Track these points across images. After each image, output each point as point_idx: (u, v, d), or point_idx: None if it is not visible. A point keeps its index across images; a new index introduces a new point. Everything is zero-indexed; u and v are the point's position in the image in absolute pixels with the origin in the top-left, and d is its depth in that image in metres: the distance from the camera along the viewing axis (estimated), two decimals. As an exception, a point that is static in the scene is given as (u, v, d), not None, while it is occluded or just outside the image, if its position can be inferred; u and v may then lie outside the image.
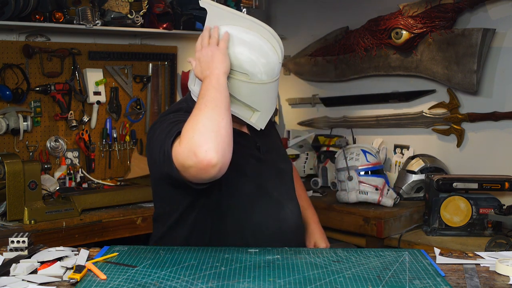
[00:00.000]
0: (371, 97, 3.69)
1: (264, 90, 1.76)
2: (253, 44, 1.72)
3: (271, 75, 1.75)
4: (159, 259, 1.64)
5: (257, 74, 1.72)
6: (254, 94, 1.75)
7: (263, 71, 1.72)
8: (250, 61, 1.71)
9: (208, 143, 1.47)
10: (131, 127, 3.66)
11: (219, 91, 1.59)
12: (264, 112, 1.80)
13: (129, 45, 3.63)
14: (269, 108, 1.81)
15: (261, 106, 1.78)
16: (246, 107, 1.77)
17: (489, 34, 3.07)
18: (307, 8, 4.00)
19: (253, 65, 1.71)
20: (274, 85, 1.79)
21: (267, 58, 1.73)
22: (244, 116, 1.79)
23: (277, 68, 1.77)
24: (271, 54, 1.73)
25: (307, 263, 1.61)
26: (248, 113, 1.79)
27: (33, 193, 2.72)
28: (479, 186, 2.84)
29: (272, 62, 1.73)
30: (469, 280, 1.50)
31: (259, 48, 1.72)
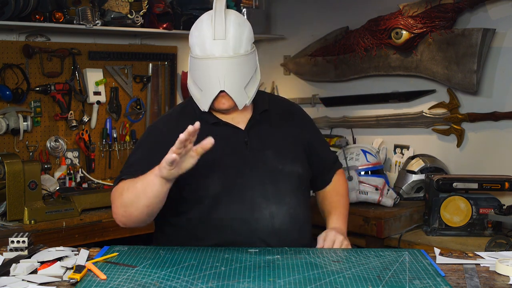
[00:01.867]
0: (371, 97, 3.69)
1: (201, 67, 1.81)
2: (200, 19, 1.85)
3: (203, 50, 1.79)
4: (159, 259, 1.64)
5: (193, 46, 1.83)
6: (195, 69, 1.84)
7: (195, 42, 1.81)
8: (191, 34, 1.85)
9: (117, 214, 1.77)
10: (131, 127, 3.66)
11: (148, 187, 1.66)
12: (205, 92, 1.83)
13: (129, 45, 3.63)
14: (209, 89, 1.82)
15: (202, 84, 1.83)
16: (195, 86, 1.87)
17: (489, 34, 3.07)
18: (307, 8, 4.00)
19: (191, 37, 1.84)
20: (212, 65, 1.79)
21: (200, 31, 1.81)
22: (195, 95, 1.87)
23: (209, 45, 1.78)
24: (204, 29, 1.80)
25: (307, 263, 1.61)
26: (198, 92, 1.87)
27: (33, 193, 2.72)
28: (479, 186, 2.84)
29: (203, 36, 1.79)
30: (469, 280, 1.50)
31: (199, 22, 1.84)
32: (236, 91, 1.83)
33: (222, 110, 1.87)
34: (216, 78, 1.79)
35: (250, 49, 1.84)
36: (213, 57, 1.78)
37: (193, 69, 1.85)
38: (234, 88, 1.82)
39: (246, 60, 1.83)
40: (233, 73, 1.80)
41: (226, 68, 1.79)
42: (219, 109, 1.87)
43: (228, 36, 1.78)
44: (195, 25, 1.85)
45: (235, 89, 1.82)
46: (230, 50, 1.79)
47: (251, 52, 1.85)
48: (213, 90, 1.81)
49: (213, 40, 1.78)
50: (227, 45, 1.78)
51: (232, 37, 1.79)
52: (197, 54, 1.81)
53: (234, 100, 1.83)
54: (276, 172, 1.88)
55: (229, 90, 1.81)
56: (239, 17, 1.85)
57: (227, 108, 1.86)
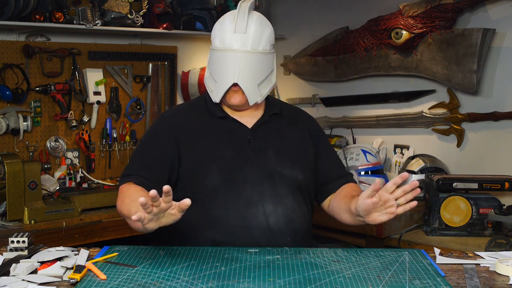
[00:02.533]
0: (371, 97, 3.69)
1: (218, 58, 1.85)
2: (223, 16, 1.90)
3: (223, 42, 1.84)
4: (159, 259, 1.64)
5: (214, 38, 1.88)
6: (213, 61, 1.88)
7: (216, 35, 1.87)
8: (214, 27, 1.91)
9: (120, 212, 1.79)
10: (131, 127, 3.66)
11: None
12: (219, 83, 1.86)
13: (129, 45, 3.63)
14: (223, 80, 1.84)
15: (217, 75, 1.86)
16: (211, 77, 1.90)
17: (489, 34, 3.07)
18: (307, 8, 4.00)
19: (214, 30, 1.90)
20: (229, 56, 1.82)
21: (222, 24, 1.87)
22: (209, 87, 1.91)
23: (229, 38, 1.83)
24: (226, 22, 1.85)
25: (307, 263, 1.61)
26: (213, 84, 1.90)
27: (33, 193, 2.72)
28: (479, 186, 2.84)
29: (224, 29, 1.84)
30: (469, 280, 1.50)
31: (223, 17, 1.90)
32: (249, 86, 1.85)
33: (234, 105, 1.89)
34: (232, 70, 1.82)
35: (269, 49, 1.88)
36: (231, 49, 1.83)
37: (211, 61, 1.90)
38: (248, 83, 1.84)
39: (263, 58, 1.86)
40: (248, 68, 1.83)
41: (242, 61, 1.82)
42: (230, 104, 1.88)
43: (248, 31, 1.83)
44: (218, 20, 1.91)
45: (248, 84, 1.84)
46: (248, 45, 1.83)
47: (269, 53, 1.88)
48: (227, 82, 1.83)
49: (233, 33, 1.83)
50: (246, 40, 1.82)
51: (252, 33, 1.83)
52: (217, 46, 1.86)
53: (246, 94, 1.85)
54: (274, 173, 1.89)
55: (242, 83, 1.83)
56: (262, 17, 1.90)
57: (238, 104, 1.87)
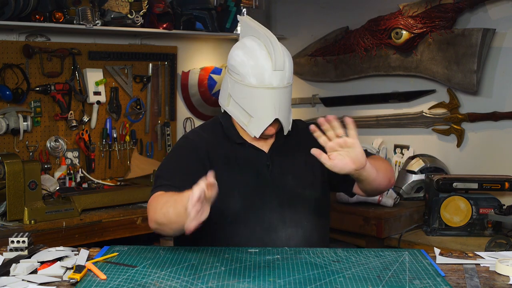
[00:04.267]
0: (371, 97, 3.69)
1: (255, 95, 1.83)
2: (249, 48, 1.85)
3: (261, 80, 1.82)
4: (159, 259, 1.64)
5: (246, 75, 1.83)
6: (245, 96, 1.85)
7: (251, 73, 1.82)
8: (241, 62, 1.84)
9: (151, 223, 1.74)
10: (131, 127, 3.66)
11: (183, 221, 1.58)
12: (257, 119, 1.85)
13: (129, 45, 3.63)
14: (263, 117, 1.85)
15: (254, 112, 1.85)
16: (243, 111, 1.87)
17: (489, 34, 3.07)
18: (307, 8, 4.00)
19: (243, 66, 1.83)
20: (269, 94, 1.82)
21: (256, 61, 1.82)
22: (242, 120, 1.89)
23: (268, 76, 1.81)
24: (262, 59, 1.82)
25: (307, 263, 1.61)
26: (245, 118, 1.88)
27: (33, 193, 2.72)
28: (479, 186, 2.84)
29: (260, 66, 1.81)
30: (469, 280, 1.50)
31: (252, 51, 1.84)
32: (286, 118, 1.89)
33: (267, 136, 1.91)
34: (272, 106, 1.84)
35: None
36: (271, 87, 1.83)
37: (241, 95, 1.86)
38: (285, 115, 1.88)
39: (291, 89, 1.92)
40: (285, 101, 1.87)
41: (281, 97, 1.85)
42: (265, 135, 1.90)
43: (285, 67, 1.85)
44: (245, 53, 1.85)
45: (285, 117, 1.88)
46: (285, 80, 1.86)
47: None
48: (268, 118, 1.85)
49: (273, 71, 1.82)
50: (284, 76, 1.85)
51: (288, 68, 1.86)
52: (252, 83, 1.83)
53: (284, 126, 1.89)
54: (295, 196, 1.91)
55: (281, 117, 1.86)
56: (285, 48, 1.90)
57: (273, 134, 1.91)
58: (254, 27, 1.90)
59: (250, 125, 1.87)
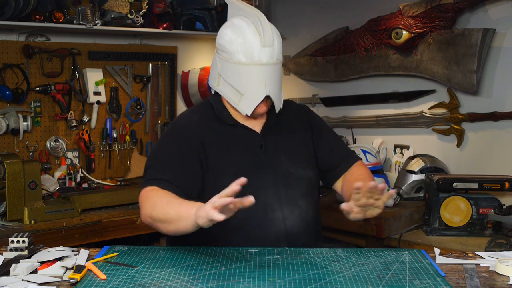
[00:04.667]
0: (371, 97, 3.69)
1: (245, 72, 1.83)
2: (237, 26, 1.85)
3: (250, 57, 1.81)
4: (159, 259, 1.64)
5: (235, 53, 1.83)
6: (235, 74, 1.85)
7: (239, 50, 1.82)
8: (229, 40, 1.85)
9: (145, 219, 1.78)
10: (131, 127, 3.66)
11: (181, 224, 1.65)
12: (248, 97, 1.85)
13: (129, 45, 3.63)
14: (254, 94, 1.84)
15: (245, 89, 1.85)
16: (234, 90, 1.87)
17: (489, 34, 3.07)
18: (307, 8, 4.00)
19: (231, 44, 1.84)
20: (259, 70, 1.82)
21: (244, 38, 1.82)
22: (233, 99, 1.88)
23: (257, 52, 1.81)
24: (250, 36, 1.82)
25: (307, 263, 1.61)
26: (236, 96, 1.88)
27: (33, 193, 2.72)
28: (479, 186, 2.84)
29: (249, 43, 1.81)
30: (469, 280, 1.50)
31: (240, 29, 1.84)
32: (277, 95, 1.89)
33: (258, 114, 1.91)
34: (263, 83, 1.84)
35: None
36: (260, 63, 1.82)
37: (231, 73, 1.86)
38: (276, 92, 1.88)
39: (281, 66, 1.91)
40: (275, 78, 1.86)
41: (271, 74, 1.85)
42: (256, 113, 1.89)
43: (274, 44, 1.84)
44: (233, 31, 1.85)
45: (276, 94, 1.88)
46: (275, 57, 1.85)
47: None
48: (259, 95, 1.85)
49: (262, 47, 1.82)
50: (273, 52, 1.84)
51: (277, 44, 1.85)
52: (241, 61, 1.83)
53: (275, 104, 1.89)
54: (288, 176, 1.92)
55: (272, 94, 1.86)
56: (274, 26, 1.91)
57: (263, 112, 1.91)
58: (241, 7, 1.90)
59: (241, 103, 1.87)
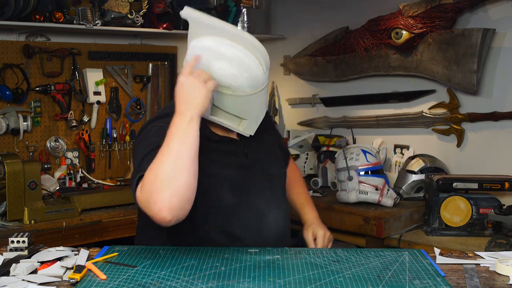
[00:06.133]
0: (371, 97, 3.69)
1: (249, 101, 1.74)
2: (235, 59, 1.64)
3: (255, 86, 1.71)
4: (159, 259, 1.64)
5: (240, 87, 1.68)
6: (239, 105, 1.74)
7: (246, 84, 1.68)
8: (232, 76, 1.66)
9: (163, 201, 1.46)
10: (131, 127, 3.66)
11: (187, 137, 1.53)
12: (252, 120, 1.81)
13: (129, 45, 3.63)
14: (257, 115, 1.82)
15: (248, 115, 1.79)
16: (234, 117, 1.77)
17: (489, 34, 3.07)
18: (307, 8, 4.00)
19: (235, 80, 1.67)
20: (261, 93, 1.76)
21: (250, 72, 1.67)
22: (232, 126, 1.79)
23: (262, 79, 1.71)
24: (254, 67, 1.67)
25: (307, 263, 1.61)
26: (235, 121, 1.79)
27: (33, 193, 2.72)
28: (479, 186, 2.84)
29: (255, 75, 1.68)
30: (469, 280, 1.50)
31: (241, 62, 1.65)
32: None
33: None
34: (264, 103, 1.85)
35: None
36: (263, 87, 1.75)
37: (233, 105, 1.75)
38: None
39: None
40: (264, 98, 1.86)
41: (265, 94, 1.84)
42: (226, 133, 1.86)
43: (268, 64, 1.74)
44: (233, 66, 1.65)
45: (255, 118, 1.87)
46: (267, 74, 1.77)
47: None
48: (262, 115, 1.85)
49: (264, 74, 1.72)
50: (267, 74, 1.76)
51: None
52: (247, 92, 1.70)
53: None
54: (271, 177, 1.94)
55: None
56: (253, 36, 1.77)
57: None
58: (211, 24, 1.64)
59: (243, 126, 1.81)
